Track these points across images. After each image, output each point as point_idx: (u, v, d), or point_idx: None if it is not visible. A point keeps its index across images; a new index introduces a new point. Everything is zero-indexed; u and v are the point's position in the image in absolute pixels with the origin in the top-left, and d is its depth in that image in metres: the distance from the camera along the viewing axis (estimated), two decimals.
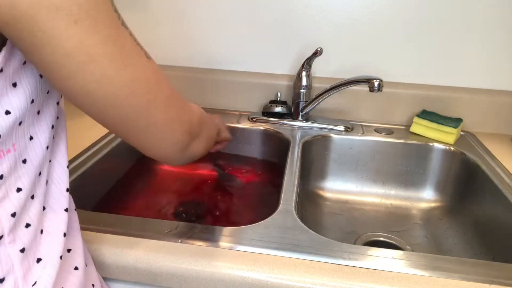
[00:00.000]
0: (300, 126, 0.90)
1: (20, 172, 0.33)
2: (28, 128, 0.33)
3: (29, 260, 0.35)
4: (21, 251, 0.34)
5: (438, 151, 0.84)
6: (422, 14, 0.86)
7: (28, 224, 0.35)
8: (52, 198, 0.39)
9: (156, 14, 0.96)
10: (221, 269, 0.48)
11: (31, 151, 0.34)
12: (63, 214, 0.39)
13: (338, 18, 0.89)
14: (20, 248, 0.34)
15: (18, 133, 0.32)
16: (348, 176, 0.89)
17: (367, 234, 0.77)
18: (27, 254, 0.34)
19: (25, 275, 0.34)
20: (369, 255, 0.50)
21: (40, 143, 0.35)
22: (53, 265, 0.37)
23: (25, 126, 0.33)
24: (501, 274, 0.47)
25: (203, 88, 0.99)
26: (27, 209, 0.35)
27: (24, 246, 0.34)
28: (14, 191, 0.33)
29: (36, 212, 0.36)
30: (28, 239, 0.34)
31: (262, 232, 0.53)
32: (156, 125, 0.36)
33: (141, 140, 0.37)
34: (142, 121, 0.35)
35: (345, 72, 0.94)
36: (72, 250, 0.41)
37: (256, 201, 0.80)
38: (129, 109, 0.33)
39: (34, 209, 0.36)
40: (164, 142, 0.38)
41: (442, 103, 0.90)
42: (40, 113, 0.34)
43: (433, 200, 0.85)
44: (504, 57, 0.87)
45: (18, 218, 0.34)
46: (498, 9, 0.83)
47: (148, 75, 0.33)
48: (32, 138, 0.34)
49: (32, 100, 0.32)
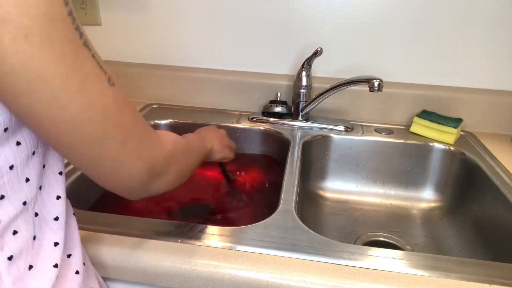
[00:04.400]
0: (300, 126, 0.90)
1: (5, 179, 0.32)
2: (14, 134, 0.31)
3: (19, 267, 0.33)
4: (8, 258, 0.32)
5: (438, 151, 0.84)
6: (422, 15, 0.86)
7: (15, 232, 0.33)
8: (44, 206, 0.37)
9: (155, 14, 0.96)
10: (221, 269, 0.48)
11: (17, 157, 0.32)
12: (54, 223, 0.38)
13: (338, 18, 0.89)
14: (8, 255, 0.32)
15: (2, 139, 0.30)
16: (348, 176, 0.89)
17: (367, 234, 0.77)
18: (16, 262, 0.33)
19: (15, 282, 0.33)
20: (369, 255, 0.50)
21: (28, 149, 0.33)
22: (47, 273, 0.36)
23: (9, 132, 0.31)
24: (501, 274, 0.47)
25: (204, 88, 0.99)
26: (15, 216, 0.33)
27: (12, 253, 0.33)
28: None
29: (25, 219, 0.34)
30: (16, 246, 0.33)
31: (262, 232, 0.53)
32: (109, 159, 0.33)
33: (91, 171, 0.34)
34: (93, 153, 0.32)
35: (345, 72, 0.94)
36: (72, 255, 0.41)
37: (256, 201, 0.80)
38: (82, 138, 0.30)
39: (23, 216, 0.34)
40: (118, 177, 0.35)
41: (442, 103, 0.90)
42: None
43: (433, 200, 0.85)
44: (504, 57, 0.87)
45: (5, 226, 0.32)
46: (498, 9, 0.83)
47: (106, 103, 0.30)
48: (19, 143, 0.32)
49: None
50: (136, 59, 1.02)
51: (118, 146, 0.33)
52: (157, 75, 1.00)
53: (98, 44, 1.02)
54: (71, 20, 0.27)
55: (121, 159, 0.34)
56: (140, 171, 0.36)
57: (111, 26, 0.99)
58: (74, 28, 0.27)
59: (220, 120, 0.93)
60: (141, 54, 1.01)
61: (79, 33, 0.28)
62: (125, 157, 0.34)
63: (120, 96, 0.32)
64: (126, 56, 1.02)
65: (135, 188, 0.37)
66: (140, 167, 0.35)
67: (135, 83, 1.02)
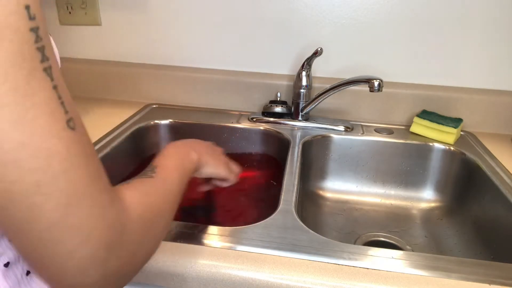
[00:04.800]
0: (300, 126, 0.90)
1: None
2: None
3: (16, 274, 0.32)
4: (5, 265, 0.31)
5: (438, 151, 0.84)
6: (422, 14, 0.86)
7: None
8: None
9: (155, 14, 0.96)
10: (221, 269, 0.48)
11: None
12: None
13: (338, 18, 0.89)
14: (4, 262, 0.31)
15: None
16: (348, 176, 0.89)
17: (367, 234, 0.77)
18: (12, 268, 0.32)
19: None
20: (369, 255, 0.50)
21: None
22: None
23: None
24: (501, 274, 0.47)
25: (204, 88, 0.99)
26: None
27: (9, 260, 0.32)
28: None
29: None
30: (13, 253, 0.32)
31: (262, 232, 0.53)
32: (39, 229, 0.24)
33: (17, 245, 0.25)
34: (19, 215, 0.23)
35: (345, 72, 0.94)
36: None
37: (256, 201, 0.80)
38: (9, 188, 0.22)
39: None
40: (56, 257, 0.25)
41: (442, 103, 0.90)
42: None
43: (433, 200, 0.85)
44: (504, 57, 0.87)
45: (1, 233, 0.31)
46: (498, 9, 0.83)
47: (55, 148, 0.23)
48: None
49: None
50: (136, 59, 1.02)
51: (55, 213, 0.24)
52: (157, 75, 1.00)
53: (98, 44, 1.02)
54: (33, 38, 0.23)
55: (60, 231, 0.24)
56: (89, 250, 0.26)
57: (111, 26, 0.99)
58: (36, 48, 0.23)
59: (220, 120, 0.93)
60: (141, 54, 1.01)
61: (42, 56, 0.23)
62: (65, 230, 0.24)
63: (79, 144, 0.25)
64: (126, 56, 1.02)
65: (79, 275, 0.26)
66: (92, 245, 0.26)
67: (135, 83, 1.02)
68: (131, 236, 0.29)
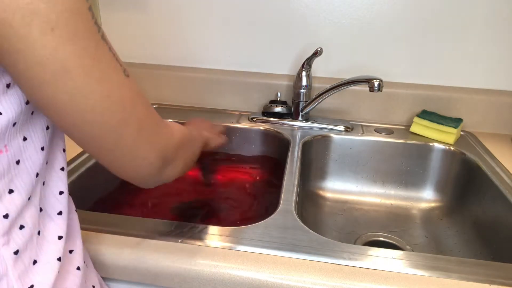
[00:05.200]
0: (300, 126, 0.90)
1: (13, 173, 0.33)
2: (21, 129, 0.33)
3: (24, 262, 0.34)
4: (15, 253, 0.33)
5: (438, 151, 0.84)
6: (422, 14, 0.86)
7: (22, 226, 0.34)
8: (47, 201, 0.38)
9: (156, 14, 0.96)
10: (221, 269, 0.48)
11: (24, 152, 0.33)
12: (57, 217, 0.39)
13: (338, 18, 0.89)
14: (14, 250, 0.33)
15: (10, 133, 0.32)
16: (348, 176, 0.89)
17: (367, 234, 0.77)
18: (21, 256, 0.34)
19: (20, 276, 0.33)
20: (369, 255, 0.50)
21: (34, 145, 0.34)
22: (50, 267, 0.36)
23: (17, 126, 0.32)
24: (501, 274, 0.47)
25: (204, 88, 0.99)
26: (22, 211, 0.34)
27: (18, 248, 0.33)
28: (6, 192, 0.32)
29: (31, 214, 0.35)
30: (22, 241, 0.34)
31: (262, 232, 0.53)
32: (126, 147, 0.34)
33: (108, 159, 0.35)
34: (111, 141, 0.33)
35: (345, 72, 0.94)
36: (74, 251, 0.41)
37: (256, 201, 0.80)
38: (99, 126, 0.31)
39: (29, 211, 0.35)
40: (133, 165, 0.36)
41: (442, 103, 0.90)
42: (34, 114, 0.33)
43: (433, 200, 0.85)
44: (504, 57, 0.87)
45: (12, 220, 0.33)
46: (498, 9, 0.83)
47: (123, 93, 0.32)
48: (26, 139, 0.33)
49: (27, 101, 0.31)
50: (136, 59, 1.02)
51: (134, 135, 0.34)
52: (158, 75, 1.00)
53: None
54: (91, 15, 0.28)
55: (137, 147, 0.35)
56: (154, 159, 0.37)
57: (111, 26, 0.99)
58: (94, 22, 0.29)
59: (220, 120, 0.93)
60: (142, 54, 1.01)
61: (97, 27, 0.29)
62: (140, 146, 0.35)
63: (135, 87, 0.34)
64: (126, 56, 1.02)
65: (148, 176, 0.38)
66: (154, 155, 0.37)
67: None
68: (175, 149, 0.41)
